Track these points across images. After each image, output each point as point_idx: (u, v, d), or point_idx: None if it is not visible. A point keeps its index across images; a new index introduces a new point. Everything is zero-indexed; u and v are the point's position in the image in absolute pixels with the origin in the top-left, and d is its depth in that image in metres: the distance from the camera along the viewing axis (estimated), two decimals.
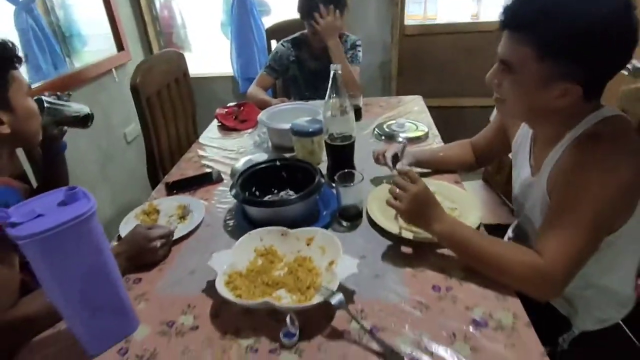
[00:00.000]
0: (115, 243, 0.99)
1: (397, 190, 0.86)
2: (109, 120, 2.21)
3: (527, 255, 0.77)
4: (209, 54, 2.81)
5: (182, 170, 1.38)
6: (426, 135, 1.48)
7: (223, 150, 1.51)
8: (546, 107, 0.78)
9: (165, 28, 2.72)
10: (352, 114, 1.12)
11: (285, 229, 0.91)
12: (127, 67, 2.39)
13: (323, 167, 1.25)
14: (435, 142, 1.45)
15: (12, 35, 2.13)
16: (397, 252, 0.92)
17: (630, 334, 1.00)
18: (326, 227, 1.00)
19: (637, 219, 0.81)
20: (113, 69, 2.24)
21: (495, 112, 1.75)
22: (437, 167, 1.24)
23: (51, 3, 2.48)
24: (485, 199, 1.75)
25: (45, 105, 1.00)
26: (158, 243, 0.91)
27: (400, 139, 1.46)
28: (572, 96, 0.74)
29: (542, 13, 0.70)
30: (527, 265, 0.75)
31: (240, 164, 1.34)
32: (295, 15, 2.21)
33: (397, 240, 0.95)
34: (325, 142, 1.16)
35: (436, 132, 1.54)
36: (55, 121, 1.05)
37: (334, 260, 0.83)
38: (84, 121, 1.10)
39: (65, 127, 1.10)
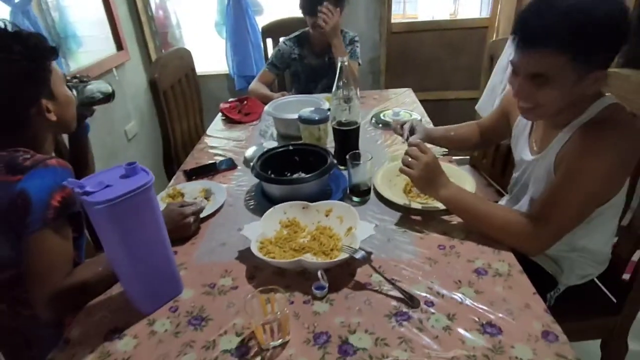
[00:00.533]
0: None
1: (410, 159, 0.98)
2: (111, 118, 2.27)
3: (518, 216, 0.91)
4: (204, 53, 2.88)
5: (196, 159, 1.47)
6: (420, 123, 1.61)
7: (231, 141, 1.60)
8: (579, 97, 0.84)
9: (160, 28, 2.78)
10: (357, 102, 1.24)
11: (306, 203, 1.03)
12: (126, 66, 2.45)
13: None
14: None
15: None
16: (405, 220, 1.05)
17: (603, 288, 1.15)
18: (339, 199, 1.12)
19: (623, 188, 0.94)
20: (113, 68, 2.30)
21: (480, 102, 1.91)
22: (447, 145, 1.36)
23: (46, 5, 2.52)
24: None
25: (75, 89, 1.07)
26: (191, 219, 1.01)
27: (410, 117, 1.59)
28: (600, 81, 0.81)
29: (568, 25, 0.75)
30: (520, 223, 0.89)
31: (251, 151, 1.44)
32: (288, 14, 2.33)
33: (404, 210, 1.07)
34: (333, 127, 1.28)
35: (428, 119, 1.67)
36: (83, 103, 1.11)
37: (352, 226, 0.95)
38: (107, 98, 1.16)
39: (94, 107, 1.16)
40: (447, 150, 1.38)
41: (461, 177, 1.20)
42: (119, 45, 2.38)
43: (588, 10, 0.75)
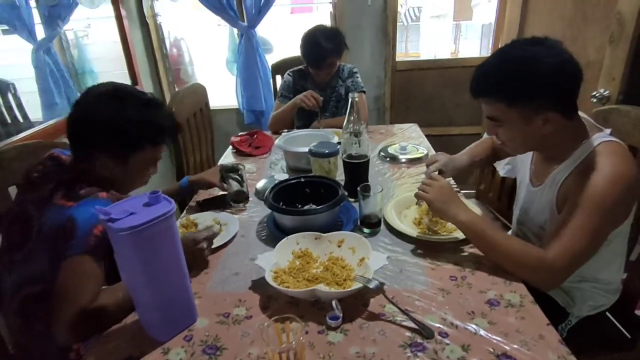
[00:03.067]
0: None
1: (425, 185, 1.04)
2: None
3: (534, 249, 0.92)
4: (215, 88, 2.99)
5: (208, 191, 1.50)
6: (426, 157, 1.66)
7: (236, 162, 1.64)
8: (540, 136, 0.95)
9: (174, 65, 2.90)
10: (366, 136, 1.28)
11: (318, 233, 1.04)
12: None
13: None
14: None
15: (29, 72, 2.27)
16: (416, 251, 1.06)
17: (614, 320, 1.15)
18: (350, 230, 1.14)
19: (628, 220, 0.98)
20: None
21: (485, 134, 1.96)
22: (473, 169, 1.39)
23: (67, 43, 2.66)
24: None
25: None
26: (205, 244, 1.02)
27: (403, 161, 1.63)
28: (554, 120, 0.91)
29: (497, 79, 0.91)
30: (533, 256, 0.90)
31: (262, 183, 1.48)
32: (296, 52, 2.43)
33: (414, 242, 1.09)
34: (343, 160, 1.31)
35: (434, 152, 1.71)
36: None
37: (365, 257, 0.96)
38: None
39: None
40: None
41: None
42: (134, 81, 2.47)
43: (520, 66, 0.88)
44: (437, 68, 2.82)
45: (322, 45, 1.88)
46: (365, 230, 1.15)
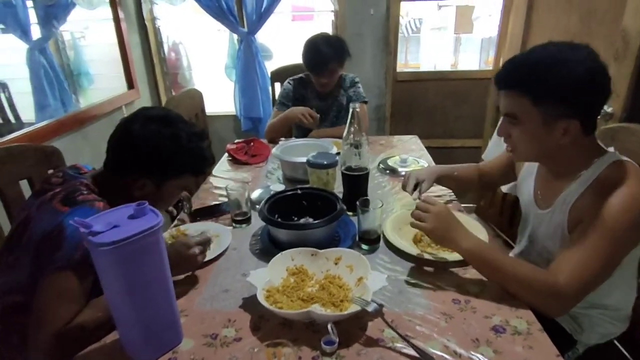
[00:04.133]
0: None
1: (420, 213, 0.96)
2: None
3: (543, 274, 0.87)
4: (212, 94, 2.95)
5: (201, 199, 1.45)
6: None
7: (237, 182, 1.59)
8: (554, 146, 0.90)
9: (171, 69, 2.87)
10: (366, 148, 1.24)
11: (314, 249, 0.99)
12: (135, 104, 2.50)
13: None
14: None
15: (24, 72, 2.22)
16: (416, 271, 1.01)
17: (623, 350, 1.09)
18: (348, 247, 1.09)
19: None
20: (123, 106, 2.34)
21: (487, 151, 1.92)
22: (450, 185, 1.36)
23: (63, 44, 2.61)
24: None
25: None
26: (197, 249, 0.97)
27: (403, 174, 1.59)
28: (573, 131, 0.87)
29: (529, 71, 0.87)
30: (542, 281, 0.85)
31: (257, 194, 1.42)
32: (296, 60, 2.40)
33: (415, 260, 1.04)
34: (342, 173, 1.27)
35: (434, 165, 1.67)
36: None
37: (363, 276, 0.91)
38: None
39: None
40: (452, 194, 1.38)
41: (469, 226, 1.18)
42: (130, 84, 2.43)
43: (554, 63, 0.84)
44: (438, 79, 2.79)
45: (323, 51, 1.85)
46: (364, 246, 1.10)
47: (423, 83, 2.79)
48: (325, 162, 1.37)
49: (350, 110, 1.20)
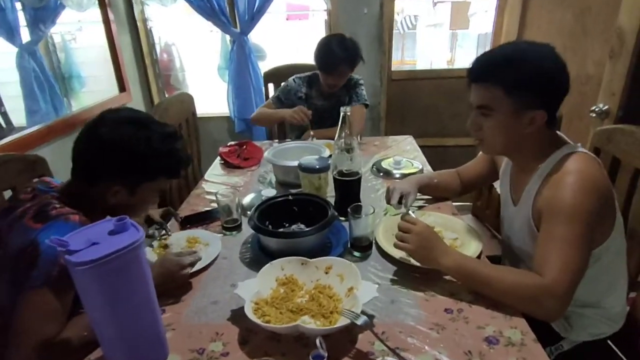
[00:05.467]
0: None
1: (403, 234, 0.96)
2: None
3: (529, 277, 0.86)
4: (205, 95, 2.92)
5: (192, 205, 1.43)
6: (421, 172, 1.59)
7: (229, 187, 1.57)
8: (520, 136, 0.94)
9: (164, 70, 2.83)
10: (358, 152, 1.22)
11: (304, 258, 0.97)
12: None
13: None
14: None
15: (13, 76, 2.19)
16: (408, 279, 0.99)
17: (617, 350, 1.08)
18: (339, 257, 1.07)
19: (619, 233, 0.95)
20: None
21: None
22: (431, 192, 1.37)
23: (53, 46, 2.57)
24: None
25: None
26: (189, 270, 0.95)
27: (397, 176, 1.57)
28: (538, 121, 0.91)
29: (502, 64, 0.91)
30: (531, 286, 0.84)
31: (249, 199, 1.40)
32: (290, 60, 2.38)
33: (407, 267, 1.02)
34: (334, 177, 1.25)
35: (430, 168, 1.65)
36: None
37: (353, 286, 0.89)
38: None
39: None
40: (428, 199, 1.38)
41: (464, 231, 1.16)
42: (122, 87, 2.40)
43: (524, 57, 0.90)
44: (433, 78, 2.77)
45: (335, 52, 1.83)
46: (356, 253, 1.08)
47: (418, 82, 2.77)
48: (317, 167, 1.35)
49: (341, 114, 1.18)
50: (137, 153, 0.88)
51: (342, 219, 1.22)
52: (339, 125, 1.19)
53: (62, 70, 2.65)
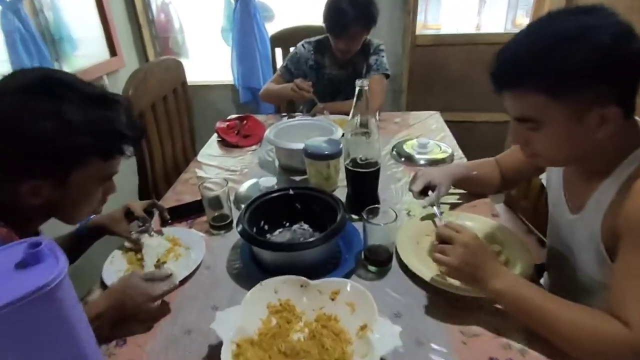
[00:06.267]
0: (97, 292, 0.83)
1: (444, 246, 0.73)
2: None
3: (608, 323, 0.62)
4: (208, 61, 2.65)
5: (177, 194, 1.21)
6: (451, 158, 1.34)
7: (224, 171, 1.34)
8: (589, 142, 0.68)
9: (161, 32, 2.56)
10: (377, 136, 0.97)
11: (304, 279, 0.75)
12: (119, 74, 2.23)
13: (339, 193, 1.10)
14: None
15: None
16: (440, 307, 0.76)
17: None
18: (350, 273, 0.85)
19: None
20: (104, 76, 2.08)
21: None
22: (468, 187, 1.11)
23: (40, 4, 2.32)
24: (508, 226, 1.61)
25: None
26: (158, 303, 0.74)
27: (421, 162, 1.32)
28: (613, 119, 0.64)
29: (536, 58, 0.64)
30: (612, 337, 0.61)
31: (245, 188, 1.18)
32: (302, 21, 2.09)
33: (438, 291, 0.79)
34: (346, 167, 1.01)
35: (461, 153, 1.39)
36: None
37: (367, 324, 0.67)
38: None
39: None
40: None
41: (509, 240, 0.92)
42: (113, 51, 2.15)
43: (568, 39, 0.63)
44: (463, 44, 2.44)
45: (345, 11, 1.54)
46: (371, 268, 0.86)
47: (446, 48, 2.44)
48: (326, 152, 1.10)
49: (357, 88, 0.93)
50: (46, 132, 0.63)
51: (355, 217, 1.00)
52: (354, 102, 0.94)
53: (52, 32, 2.42)
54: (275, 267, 0.83)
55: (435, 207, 0.93)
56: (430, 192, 0.96)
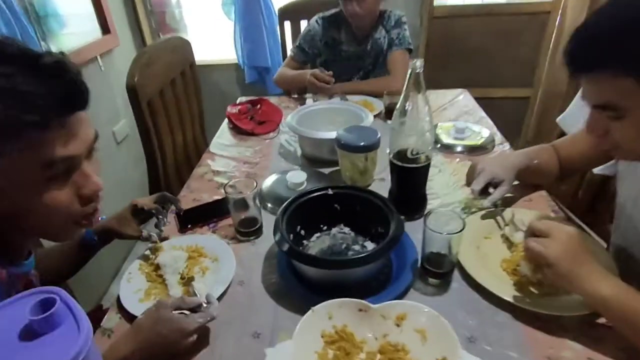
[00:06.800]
0: (114, 319, 0.71)
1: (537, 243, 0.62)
2: (93, 118, 1.86)
3: None
4: (209, 38, 2.46)
5: (194, 192, 1.08)
6: (492, 144, 1.21)
7: (242, 163, 1.21)
8: None
9: (157, 7, 2.36)
10: (431, 127, 0.83)
11: (364, 303, 0.64)
12: (114, 54, 2.04)
13: (375, 187, 0.98)
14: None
15: None
16: (517, 329, 0.66)
17: None
18: (407, 288, 0.73)
19: None
20: (98, 57, 1.90)
21: (566, 113, 1.48)
22: (527, 178, 0.98)
23: None
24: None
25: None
26: (196, 335, 0.62)
27: (459, 150, 1.19)
28: None
29: (626, 34, 0.54)
30: None
31: (269, 183, 1.06)
32: None
33: (512, 307, 0.68)
34: (390, 162, 0.88)
35: (500, 136, 1.27)
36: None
37: (448, 358, 0.56)
38: None
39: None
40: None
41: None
42: (105, 28, 1.96)
43: None
44: (484, 15, 2.26)
45: None
46: (432, 280, 0.75)
47: (466, 19, 2.27)
48: (362, 144, 0.97)
49: (409, 70, 0.79)
50: None
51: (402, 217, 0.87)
52: (405, 84, 0.81)
53: (36, 8, 2.21)
54: (319, 282, 0.72)
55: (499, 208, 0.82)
56: (491, 189, 0.85)
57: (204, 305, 0.64)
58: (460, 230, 0.69)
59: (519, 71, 2.37)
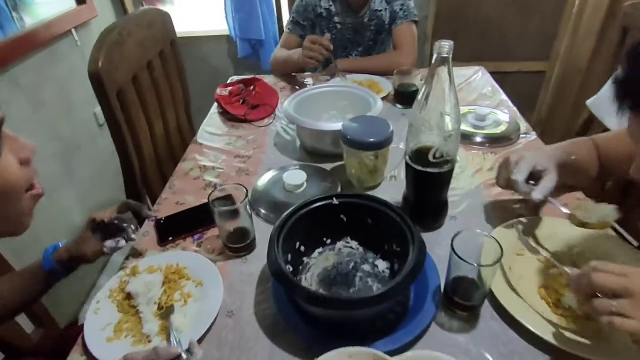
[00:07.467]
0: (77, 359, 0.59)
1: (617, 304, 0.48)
2: (70, 99, 1.70)
3: None
4: (197, 7, 2.25)
5: (177, 194, 0.94)
6: (517, 133, 1.07)
7: (232, 157, 1.06)
8: None
9: None
10: (459, 125, 0.68)
11: (379, 354, 0.51)
12: (92, 27, 1.85)
13: (383, 190, 0.85)
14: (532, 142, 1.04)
15: None
16: None
17: None
18: (429, 324, 0.61)
19: None
20: (73, 30, 1.71)
21: (598, 96, 1.33)
22: (566, 178, 0.81)
23: None
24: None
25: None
26: None
27: (479, 140, 1.05)
28: None
29: None
30: None
31: (262, 183, 0.92)
32: None
33: (562, 355, 0.56)
34: (407, 165, 0.74)
35: (526, 124, 1.12)
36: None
37: None
38: None
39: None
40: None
41: (633, 262, 0.69)
42: None
43: None
44: None
45: None
46: (460, 312, 0.62)
47: None
48: (372, 140, 0.83)
49: (435, 54, 0.63)
50: None
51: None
52: (428, 73, 0.65)
53: None
54: (323, 315, 0.60)
55: (554, 200, 0.70)
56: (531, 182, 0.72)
57: (184, 358, 0.52)
58: (497, 262, 0.56)
59: (535, 43, 2.20)
